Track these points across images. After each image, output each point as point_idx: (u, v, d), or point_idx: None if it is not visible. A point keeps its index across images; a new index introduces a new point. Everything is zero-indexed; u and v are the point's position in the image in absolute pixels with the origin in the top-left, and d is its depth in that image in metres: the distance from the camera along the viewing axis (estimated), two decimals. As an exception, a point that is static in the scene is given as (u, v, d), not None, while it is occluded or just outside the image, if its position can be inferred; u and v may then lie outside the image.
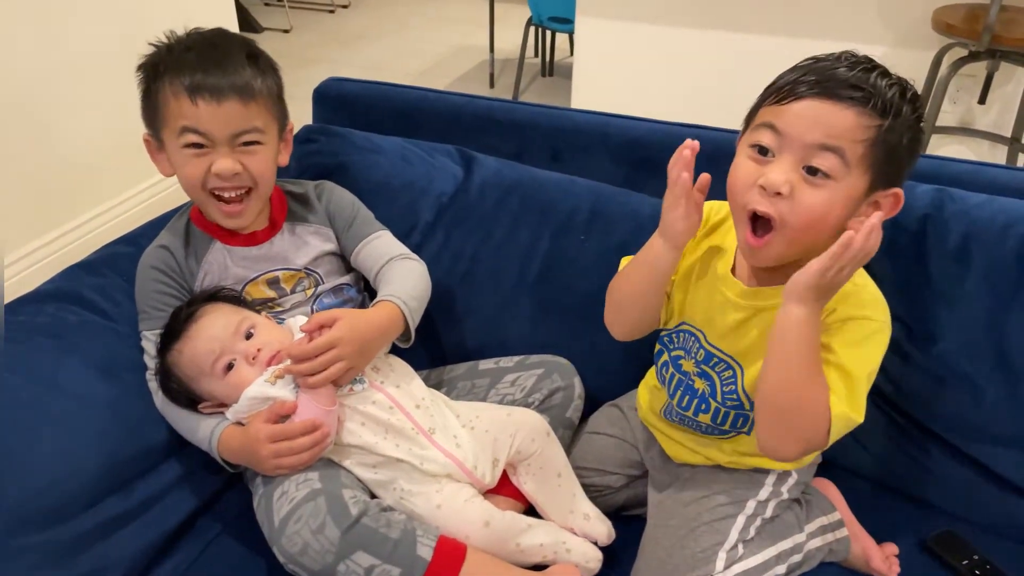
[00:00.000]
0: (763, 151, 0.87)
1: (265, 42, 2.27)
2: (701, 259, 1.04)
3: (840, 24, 2.75)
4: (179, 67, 1.04)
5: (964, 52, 2.64)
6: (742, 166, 0.89)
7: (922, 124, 0.86)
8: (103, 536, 0.98)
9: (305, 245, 1.19)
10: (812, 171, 0.83)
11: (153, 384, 1.10)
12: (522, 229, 1.30)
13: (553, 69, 4.23)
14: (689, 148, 0.90)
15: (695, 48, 2.96)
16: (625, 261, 1.10)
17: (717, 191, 0.95)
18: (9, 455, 0.92)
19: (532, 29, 3.91)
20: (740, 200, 0.89)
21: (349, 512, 0.93)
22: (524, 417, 1.10)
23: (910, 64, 2.79)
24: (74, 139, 2.39)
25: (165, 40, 1.09)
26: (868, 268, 1.10)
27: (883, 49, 2.78)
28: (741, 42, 2.87)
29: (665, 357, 1.09)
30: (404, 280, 1.15)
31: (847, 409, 0.86)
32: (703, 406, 1.03)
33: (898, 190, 0.88)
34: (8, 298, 1.11)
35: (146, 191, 2.72)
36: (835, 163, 0.82)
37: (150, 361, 1.10)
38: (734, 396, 1.00)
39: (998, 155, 2.86)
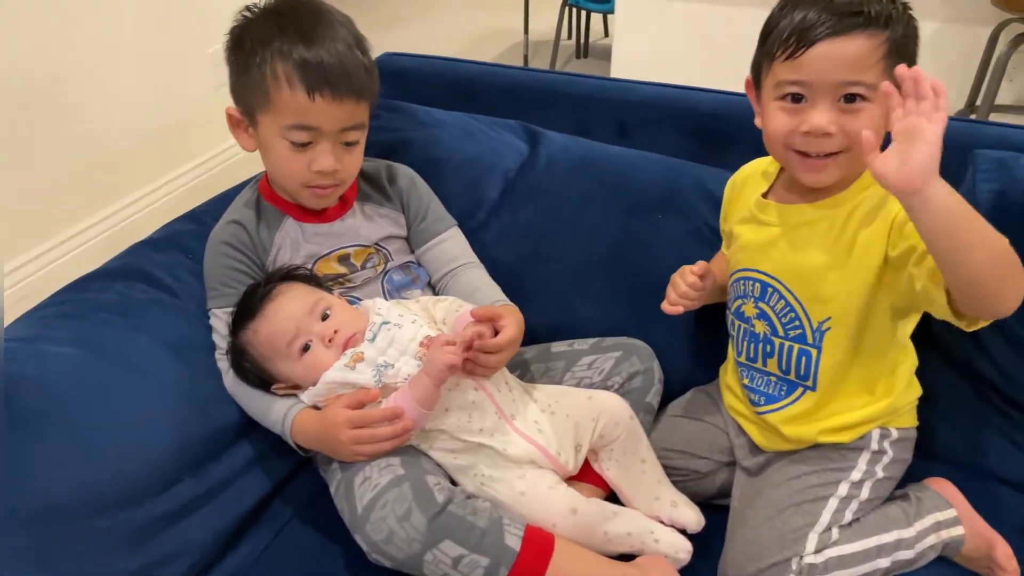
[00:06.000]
0: (796, 99, 0.91)
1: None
2: (740, 215, 1.07)
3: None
4: (296, 55, 0.99)
5: (1022, 28, 2.55)
6: (777, 118, 0.93)
7: (909, 10, 0.91)
8: (177, 519, 0.95)
9: (375, 224, 1.16)
10: (850, 99, 0.88)
11: (223, 364, 1.06)
12: (592, 207, 1.25)
13: (588, 51, 4.15)
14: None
15: (737, 26, 2.88)
16: None
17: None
18: (84, 435, 0.88)
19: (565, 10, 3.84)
20: (783, 147, 0.94)
21: (435, 499, 0.89)
22: (606, 401, 1.05)
23: (966, 41, 2.72)
24: (109, 125, 2.36)
25: (263, 9, 1.05)
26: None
27: (937, 25, 2.69)
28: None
29: (730, 317, 1.09)
30: (494, 287, 1.16)
31: None
32: (767, 348, 1.02)
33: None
34: (58, 281, 1.08)
35: (186, 174, 2.70)
36: (866, 88, 0.87)
37: (220, 340, 1.07)
38: (789, 315, 0.98)
39: (1057, 135, 2.76)
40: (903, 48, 0.89)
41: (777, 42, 0.91)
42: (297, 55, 0.99)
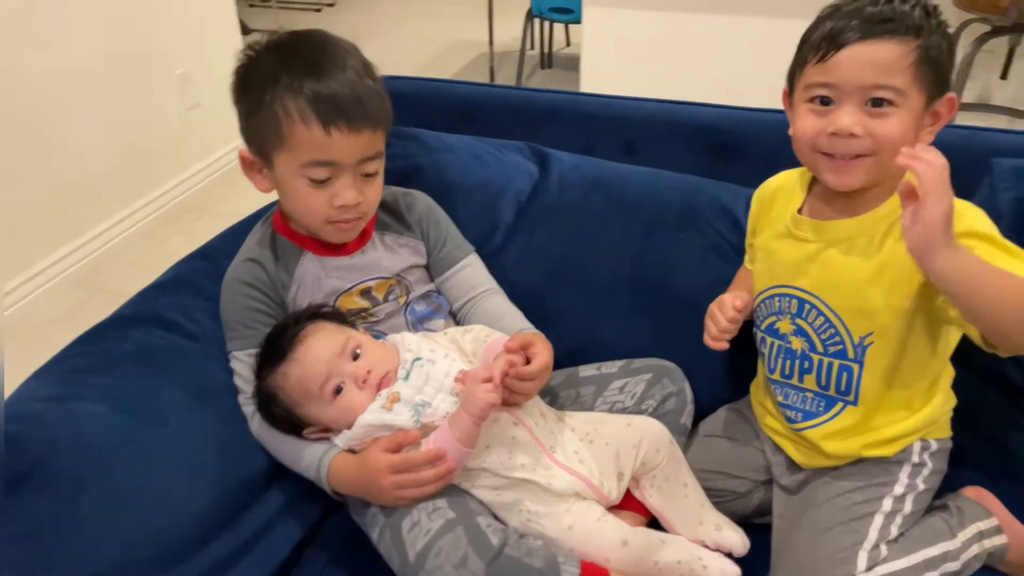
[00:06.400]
0: (824, 102, 0.92)
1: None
2: (772, 230, 1.07)
3: (856, 2, 2.69)
4: (307, 89, 0.95)
5: (985, 28, 2.62)
6: (806, 119, 0.94)
7: (948, 30, 0.92)
8: (218, 577, 0.90)
9: (395, 254, 1.13)
10: (877, 102, 0.89)
11: (248, 408, 1.02)
12: (611, 227, 1.24)
13: (552, 61, 4.16)
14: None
15: (705, 34, 2.91)
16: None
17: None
18: (123, 498, 0.84)
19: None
20: (810, 149, 0.95)
21: (490, 542, 0.86)
22: (646, 426, 1.03)
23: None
24: (77, 153, 2.29)
25: (266, 45, 1.01)
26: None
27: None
28: (749, 25, 2.81)
29: (760, 334, 1.08)
30: (518, 314, 1.14)
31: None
32: (805, 364, 1.01)
33: (951, 95, 0.93)
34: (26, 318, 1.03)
35: (159, 199, 2.63)
36: (893, 93, 0.89)
37: (242, 383, 1.03)
38: (829, 331, 0.98)
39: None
40: (935, 58, 0.90)
41: (810, 47, 0.93)
42: (308, 89, 0.95)
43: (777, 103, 1.06)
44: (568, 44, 4.35)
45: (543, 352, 0.99)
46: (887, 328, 0.95)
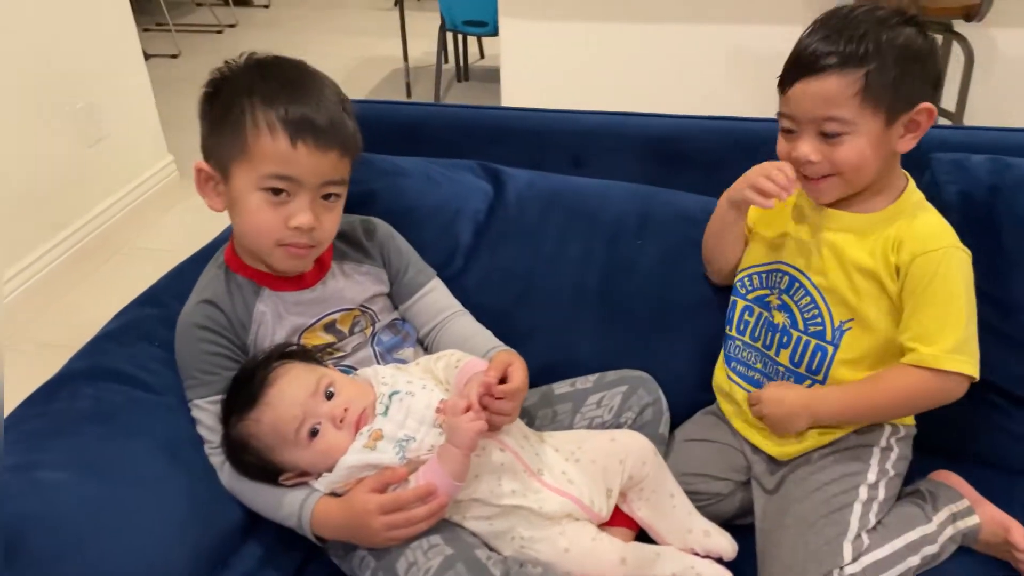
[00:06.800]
0: (789, 131, 1.00)
1: (154, 70, 2.07)
2: (783, 215, 1.11)
3: (761, 7, 2.77)
4: (279, 100, 0.92)
5: (884, 27, 2.74)
6: (780, 143, 1.03)
7: (925, 35, 0.95)
8: (202, 644, 0.85)
9: (357, 283, 1.09)
10: (827, 134, 0.96)
11: (216, 459, 0.97)
12: (572, 240, 1.23)
13: (468, 74, 4.15)
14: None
15: (622, 42, 2.96)
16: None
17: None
18: (95, 569, 0.77)
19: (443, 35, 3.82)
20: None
21: (492, 575, 0.84)
22: (630, 440, 1.03)
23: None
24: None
25: (245, 62, 0.98)
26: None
27: (801, 29, 2.84)
28: (666, 33, 2.87)
29: (742, 304, 1.13)
30: (486, 333, 1.12)
31: (937, 352, 0.95)
32: (784, 339, 1.06)
33: (927, 105, 0.96)
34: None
35: (66, 241, 2.47)
36: (840, 123, 0.94)
37: (207, 432, 0.97)
38: (812, 311, 1.03)
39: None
40: (887, 81, 0.93)
41: (780, 78, 1.00)
42: (281, 105, 0.93)
43: (701, 108, 1.08)
44: (482, 57, 4.36)
45: (519, 369, 0.98)
46: (866, 317, 1.00)
